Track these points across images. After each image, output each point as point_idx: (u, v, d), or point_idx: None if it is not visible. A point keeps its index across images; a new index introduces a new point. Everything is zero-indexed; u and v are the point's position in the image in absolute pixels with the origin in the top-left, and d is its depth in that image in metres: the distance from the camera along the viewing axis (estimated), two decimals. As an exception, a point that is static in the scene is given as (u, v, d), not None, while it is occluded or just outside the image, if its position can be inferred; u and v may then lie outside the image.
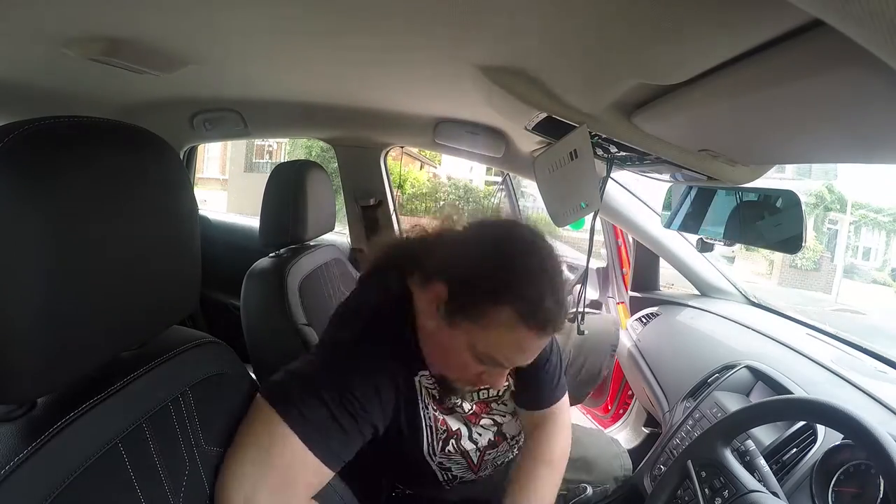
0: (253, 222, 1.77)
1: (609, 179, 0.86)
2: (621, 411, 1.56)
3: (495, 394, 0.81)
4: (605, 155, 0.80)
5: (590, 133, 0.64)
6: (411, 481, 0.86)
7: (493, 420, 0.82)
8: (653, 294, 1.58)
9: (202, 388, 0.54)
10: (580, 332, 1.00)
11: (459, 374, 0.66)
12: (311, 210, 1.04)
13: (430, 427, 0.74)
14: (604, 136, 0.65)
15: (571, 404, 1.29)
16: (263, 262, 1.01)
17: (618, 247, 1.60)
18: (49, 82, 1.08)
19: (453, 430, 0.77)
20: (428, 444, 0.74)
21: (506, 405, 0.86)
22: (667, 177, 0.86)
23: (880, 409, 0.75)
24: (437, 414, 0.74)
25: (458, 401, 0.76)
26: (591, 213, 0.78)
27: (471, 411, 0.79)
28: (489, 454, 0.82)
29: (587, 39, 0.44)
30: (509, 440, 0.84)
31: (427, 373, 0.71)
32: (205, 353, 0.57)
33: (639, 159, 0.77)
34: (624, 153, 0.74)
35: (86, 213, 0.39)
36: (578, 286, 0.94)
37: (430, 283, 0.64)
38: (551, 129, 0.74)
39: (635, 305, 1.56)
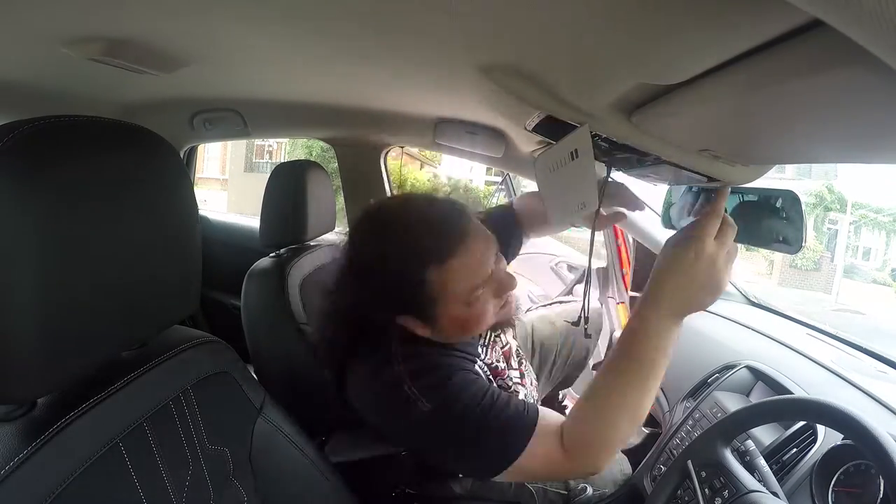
0: (253, 222, 1.77)
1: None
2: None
3: (505, 341, 0.86)
4: (605, 158, 0.80)
5: (591, 133, 0.64)
6: (409, 473, 0.87)
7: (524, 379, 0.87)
8: (653, 294, 1.58)
9: (203, 387, 0.54)
10: (587, 336, 1.01)
11: (491, 317, 0.70)
12: (311, 210, 1.04)
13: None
14: (604, 135, 0.65)
15: (562, 388, 1.33)
16: (264, 262, 1.01)
17: (618, 247, 1.60)
18: (49, 82, 1.08)
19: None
20: None
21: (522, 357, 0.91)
22: (667, 181, 0.86)
23: (880, 409, 0.75)
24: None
25: (495, 363, 0.80)
26: (592, 213, 0.79)
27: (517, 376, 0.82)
28: None
29: (587, 39, 0.44)
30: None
31: (477, 362, 0.75)
32: (205, 353, 0.57)
33: (638, 161, 0.77)
34: (624, 155, 0.74)
35: (86, 212, 0.39)
36: (580, 285, 0.94)
37: (391, 324, 0.68)
38: (551, 129, 0.74)
39: (635, 306, 1.56)
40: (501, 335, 0.87)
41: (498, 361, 0.81)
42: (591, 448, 0.63)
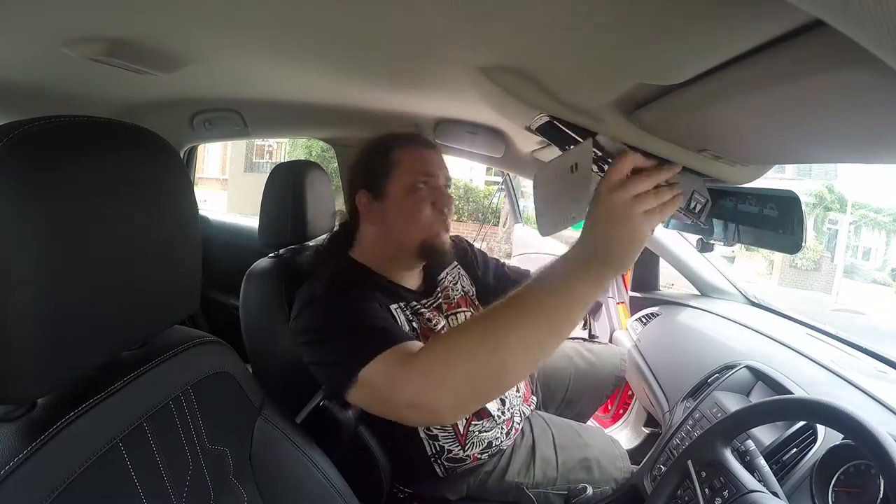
0: (253, 222, 1.77)
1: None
2: (621, 411, 1.56)
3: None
4: (601, 175, 0.81)
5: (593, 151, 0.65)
6: (407, 470, 0.87)
7: None
8: (653, 294, 1.58)
9: (203, 386, 0.54)
10: (591, 337, 1.02)
11: (424, 218, 0.82)
12: (310, 210, 1.04)
13: None
14: (601, 154, 0.66)
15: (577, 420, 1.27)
16: (263, 263, 1.01)
17: (618, 247, 1.60)
18: (49, 82, 1.08)
19: None
20: None
21: None
22: None
23: (880, 409, 0.75)
24: None
25: (435, 321, 0.86)
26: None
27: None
28: (474, 425, 0.84)
29: (587, 39, 0.44)
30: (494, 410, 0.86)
31: (401, 304, 0.83)
32: (205, 353, 0.57)
33: None
34: None
35: (86, 212, 0.39)
36: None
37: (354, 202, 0.86)
38: (553, 132, 0.74)
39: (635, 305, 1.56)
40: (457, 315, 0.93)
41: (433, 323, 0.86)
42: (436, 376, 0.57)
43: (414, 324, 0.83)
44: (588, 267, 0.53)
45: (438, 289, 0.94)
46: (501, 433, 0.88)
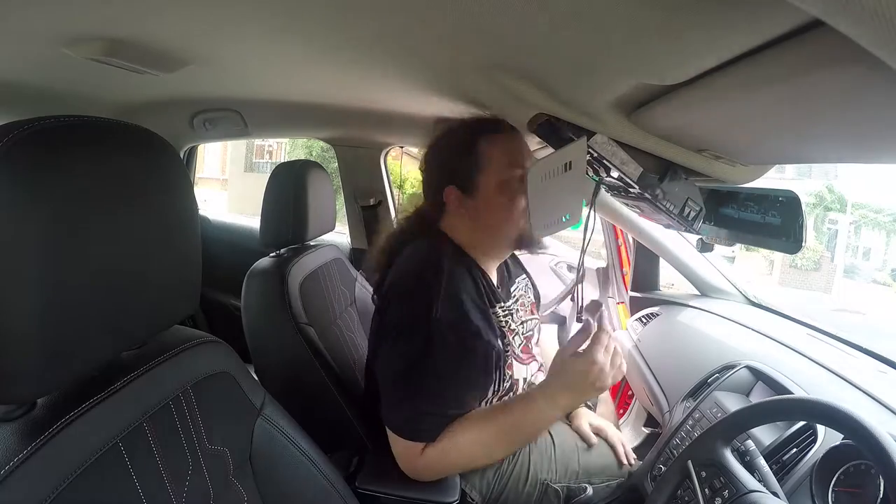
0: (253, 222, 1.77)
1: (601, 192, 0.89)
2: (621, 411, 1.56)
3: (532, 328, 0.96)
4: (594, 177, 0.81)
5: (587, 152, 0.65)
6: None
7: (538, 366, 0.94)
8: (653, 294, 1.58)
9: (203, 387, 0.54)
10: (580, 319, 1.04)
11: (520, 212, 0.80)
12: (311, 210, 1.04)
13: (504, 362, 0.83)
14: (596, 154, 0.66)
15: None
16: (264, 262, 1.01)
17: (618, 247, 1.60)
18: (49, 82, 1.08)
19: (516, 377, 0.86)
20: (494, 382, 0.83)
21: (538, 352, 0.98)
22: (646, 214, 0.87)
23: (880, 409, 0.75)
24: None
25: (516, 332, 0.88)
26: (588, 210, 0.83)
27: (520, 354, 0.89)
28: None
29: (587, 39, 0.44)
30: None
31: (499, 306, 0.84)
32: (206, 353, 0.57)
33: (624, 191, 0.78)
34: (611, 179, 0.75)
35: (86, 212, 0.39)
36: (580, 285, 0.96)
37: (441, 200, 0.83)
38: (551, 132, 0.74)
39: (635, 305, 1.56)
40: (529, 321, 0.96)
41: (517, 325, 0.89)
42: (440, 472, 0.77)
43: (503, 326, 0.84)
44: (562, 412, 0.79)
45: (513, 292, 0.96)
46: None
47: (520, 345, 0.90)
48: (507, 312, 0.86)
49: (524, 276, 1.04)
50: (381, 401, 0.78)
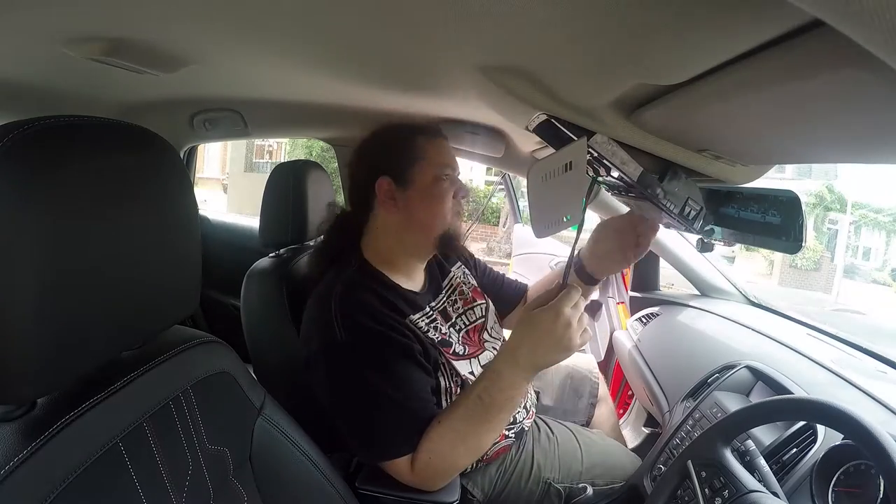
0: (253, 222, 1.77)
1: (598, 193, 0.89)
2: (621, 411, 1.56)
3: (480, 314, 0.97)
4: (591, 175, 0.81)
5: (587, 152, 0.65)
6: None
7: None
8: (653, 294, 1.58)
9: (203, 387, 0.54)
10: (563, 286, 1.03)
11: (447, 208, 0.83)
12: (311, 210, 1.04)
13: (444, 365, 0.82)
14: (596, 154, 0.66)
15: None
16: (263, 262, 1.01)
17: (618, 247, 1.60)
18: (49, 82, 1.08)
19: (463, 374, 0.83)
20: (445, 388, 0.81)
21: (496, 335, 0.97)
22: (646, 215, 0.87)
23: (880, 409, 0.75)
24: (444, 357, 0.82)
25: (449, 333, 0.87)
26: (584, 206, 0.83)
27: (464, 348, 0.88)
28: None
29: (587, 39, 0.44)
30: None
31: (420, 313, 0.83)
32: (205, 353, 0.57)
33: (624, 190, 0.78)
34: (611, 178, 0.75)
35: (86, 212, 0.39)
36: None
37: (368, 200, 0.85)
38: (551, 132, 0.74)
39: (635, 305, 1.56)
40: (473, 309, 0.96)
41: (447, 332, 0.87)
42: (435, 478, 0.74)
43: (430, 333, 0.82)
44: (530, 376, 0.71)
45: (445, 288, 0.96)
46: (521, 406, 0.91)
47: (460, 336, 0.89)
48: (430, 319, 0.85)
49: (459, 263, 1.04)
50: (352, 444, 0.77)
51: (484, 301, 1.01)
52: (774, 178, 0.69)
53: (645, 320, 1.45)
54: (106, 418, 0.43)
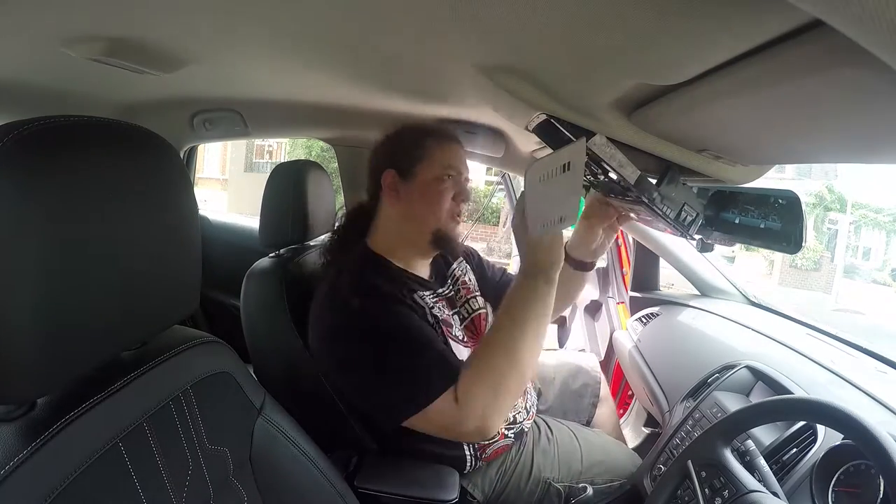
0: (253, 222, 1.77)
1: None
2: (621, 411, 1.56)
3: (482, 305, 1.00)
4: (587, 176, 0.81)
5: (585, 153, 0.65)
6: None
7: None
8: (653, 294, 1.58)
9: (203, 387, 0.54)
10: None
11: (444, 206, 0.85)
12: (311, 210, 1.04)
13: (446, 343, 0.82)
14: (594, 156, 0.66)
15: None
16: (263, 262, 1.01)
17: (618, 247, 1.60)
18: (49, 82, 1.08)
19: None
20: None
21: None
22: (643, 218, 0.87)
23: (880, 409, 0.75)
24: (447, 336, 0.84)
25: (452, 317, 0.89)
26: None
27: (464, 335, 0.89)
28: None
29: (587, 40, 0.44)
30: None
31: (425, 292, 0.86)
32: (205, 353, 0.57)
33: (621, 193, 0.78)
34: (608, 180, 0.75)
35: (86, 212, 0.39)
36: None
37: (379, 181, 0.87)
38: (550, 132, 0.74)
39: (635, 305, 1.56)
40: (476, 299, 0.98)
41: (450, 315, 0.90)
42: (482, 404, 0.70)
43: (435, 311, 0.86)
44: (549, 282, 0.73)
45: (449, 280, 0.98)
46: (521, 405, 0.92)
47: (463, 325, 0.92)
48: (436, 299, 0.88)
49: (460, 259, 1.06)
50: (379, 413, 0.76)
51: (480, 296, 1.04)
52: (774, 178, 0.69)
53: (645, 320, 1.45)
54: (106, 418, 0.43)
